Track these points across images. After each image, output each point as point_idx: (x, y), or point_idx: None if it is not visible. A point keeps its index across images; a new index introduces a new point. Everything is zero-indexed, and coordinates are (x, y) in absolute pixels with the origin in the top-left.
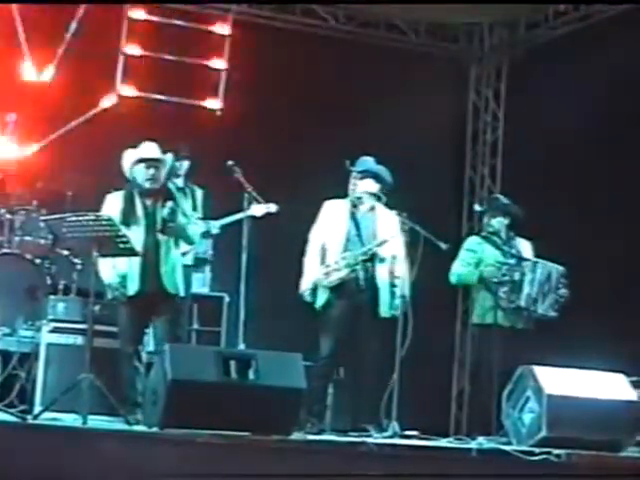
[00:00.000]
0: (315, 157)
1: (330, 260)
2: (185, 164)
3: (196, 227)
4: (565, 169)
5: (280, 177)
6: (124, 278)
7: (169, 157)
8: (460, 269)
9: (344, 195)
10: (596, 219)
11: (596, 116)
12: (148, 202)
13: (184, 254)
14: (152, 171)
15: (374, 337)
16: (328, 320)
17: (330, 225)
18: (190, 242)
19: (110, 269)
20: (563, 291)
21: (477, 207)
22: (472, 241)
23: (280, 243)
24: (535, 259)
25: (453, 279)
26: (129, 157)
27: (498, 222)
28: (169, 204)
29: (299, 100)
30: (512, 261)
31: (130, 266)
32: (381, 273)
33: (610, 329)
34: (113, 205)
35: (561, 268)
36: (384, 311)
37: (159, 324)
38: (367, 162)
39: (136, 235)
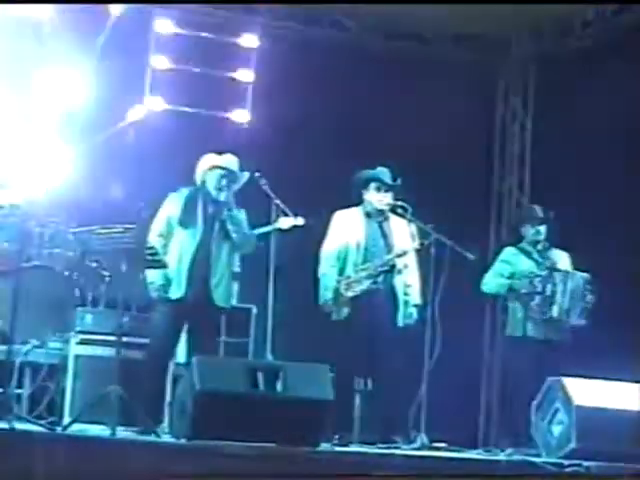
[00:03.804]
0: (342, 169)
1: (350, 271)
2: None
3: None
4: (594, 180)
5: (307, 189)
6: (169, 280)
7: (246, 175)
8: (491, 279)
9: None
10: (626, 230)
11: (625, 125)
12: (210, 209)
13: None
14: (225, 181)
15: (398, 348)
16: (350, 331)
17: (346, 236)
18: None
19: (157, 269)
20: (589, 297)
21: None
22: (507, 252)
23: (307, 255)
24: (567, 270)
25: (484, 289)
26: (207, 161)
27: (539, 231)
28: (242, 212)
29: (326, 112)
30: (545, 273)
31: (179, 269)
32: (397, 283)
33: None
34: (174, 204)
35: (586, 275)
36: (400, 320)
37: (196, 336)
38: (383, 173)
39: (190, 239)
